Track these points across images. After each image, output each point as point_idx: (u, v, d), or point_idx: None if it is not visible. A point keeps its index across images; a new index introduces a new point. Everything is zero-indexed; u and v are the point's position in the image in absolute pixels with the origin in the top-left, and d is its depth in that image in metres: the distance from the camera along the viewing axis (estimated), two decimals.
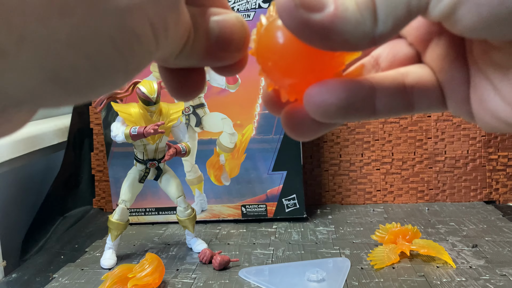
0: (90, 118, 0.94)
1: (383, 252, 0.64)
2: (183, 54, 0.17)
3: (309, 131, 0.19)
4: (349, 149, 0.91)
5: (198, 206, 0.83)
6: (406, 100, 0.18)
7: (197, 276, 0.62)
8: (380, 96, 0.18)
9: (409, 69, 0.19)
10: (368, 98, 0.17)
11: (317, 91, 0.17)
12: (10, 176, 0.84)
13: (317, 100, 0.17)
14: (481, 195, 0.89)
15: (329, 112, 0.17)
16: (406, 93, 0.18)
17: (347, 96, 0.17)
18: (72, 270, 0.66)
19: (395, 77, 0.18)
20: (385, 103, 0.18)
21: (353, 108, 0.17)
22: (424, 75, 0.19)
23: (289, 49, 0.17)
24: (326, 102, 0.17)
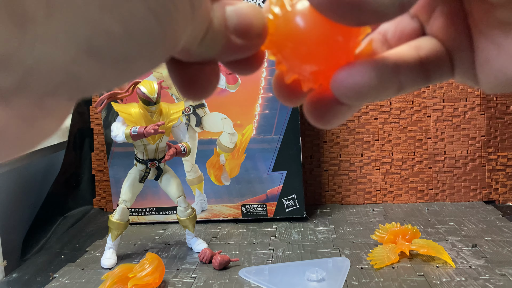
0: (91, 118, 0.94)
1: (383, 252, 0.64)
2: (205, 41, 0.16)
3: (336, 116, 0.19)
4: (349, 149, 0.91)
5: (198, 206, 0.84)
6: (424, 72, 0.19)
7: (197, 275, 0.62)
8: (404, 71, 0.18)
9: (419, 42, 0.19)
10: (395, 74, 0.18)
11: (347, 74, 0.17)
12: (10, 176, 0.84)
13: (349, 82, 0.17)
14: (480, 195, 0.89)
15: (362, 93, 0.17)
16: (423, 66, 0.19)
17: (377, 75, 0.17)
18: (73, 270, 0.66)
19: (410, 51, 0.19)
20: (409, 77, 0.18)
21: (384, 86, 0.18)
22: (434, 46, 0.19)
23: (312, 34, 0.17)
24: (358, 84, 0.17)
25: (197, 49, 0.16)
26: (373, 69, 0.18)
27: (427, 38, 0.20)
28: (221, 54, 0.17)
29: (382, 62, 0.18)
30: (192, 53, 0.17)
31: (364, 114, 0.90)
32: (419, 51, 0.19)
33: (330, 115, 0.19)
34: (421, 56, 0.19)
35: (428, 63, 0.19)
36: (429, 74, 0.19)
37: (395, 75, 0.18)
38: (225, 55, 0.17)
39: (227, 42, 0.17)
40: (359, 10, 0.16)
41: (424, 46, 0.19)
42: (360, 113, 0.90)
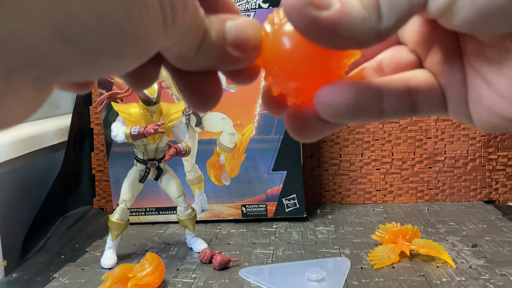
0: (91, 118, 0.94)
1: (383, 251, 0.64)
2: (201, 52, 0.17)
3: (314, 131, 0.19)
4: (349, 149, 0.91)
5: (198, 206, 0.84)
6: (411, 102, 0.19)
7: (197, 275, 0.62)
8: (388, 98, 0.18)
9: (413, 73, 0.20)
10: (377, 98, 0.18)
11: (327, 92, 0.18)
12: (10, 176, 0.84)
13: (327, 99, 0.18)
14: (480, 195, 0.89)
15: (339, 112, 0.18)
16: (411, 95, 0.19)
17: (357, 96, 0.18)
18: (73, 270, 0.66)
19: (400, 80, 0.19)
20: (392, 104, 0.18)
21: (362, 108, 0.18)
22: (426, 79, 0.19)
23: (295, 54, 0.18)
24: (336, 102, 0.18)
25: (193, 59, 0.17)
26: (353, 90, 0.18)
27: (422, 71, 0.20)
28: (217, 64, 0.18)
29: (365, 84, 0.18)
30: (189, 62, 0.17)
31: None
32: (410, 81, 0.19)
33: (308, 129, 0.19)
34: (410, 86, 0.19)
35: (417, 94, 0.19)
36: (416, 105, 0.19)
37: (377, 100, 0.18)
38: (222, 66, 0.18)
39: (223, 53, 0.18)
40: (335, 35, 0.16)
41: (416, 77, 0.19)
42: None
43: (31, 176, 0.91)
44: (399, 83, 0.19)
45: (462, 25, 0.16)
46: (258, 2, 0.79)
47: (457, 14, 0.16)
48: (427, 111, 0.19)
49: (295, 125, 0.19)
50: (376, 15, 0.16)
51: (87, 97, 0.94)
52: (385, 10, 0.16)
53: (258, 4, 0.78)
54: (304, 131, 0.19)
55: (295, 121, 0.19)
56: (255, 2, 0.78)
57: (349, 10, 0.16)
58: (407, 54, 0.21)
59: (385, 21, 0.16)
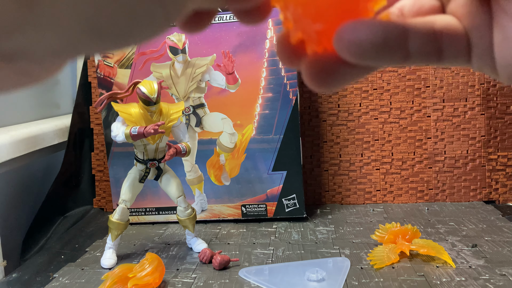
0: (91, 118, 0.94)
1: (383, 251, 0.64)
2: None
3: (335, 77, 0.18)
4: (349, 149, 0.91)
5: (198, 206, 0.84)
6: (436, 46, 0.18)
7: (197, 275, 0.62)
8: (414, 38, 0.17)
9: (436, 17, 0.19)
10: (403, 37, 0.17)
11: (351, 28, 0.17)
12: (10, 176, 0.84)
13: (351, 36, 0.17)
14: (480, 195, 0.89)
15: (363, 49, 0.17)
16: (436, 38, 0.18)
17: (383, 33, 0.17)
18: (73, 270, 0.66)
19: (426, 22, 0.18)
20: (418, 46, 0.18)
21: (388, 46, 0.17)
22: (451, 22, 0.18)
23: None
24: (361, 38, 0.17)
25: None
26: (380, 27, 0.17)
27: (446, 16, 0.19)
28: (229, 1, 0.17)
29: (391, 23, 0.17)
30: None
31: (364, 114, 0.90)
32: (435, 24, 0.18)
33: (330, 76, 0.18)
34: (435, 29, 0.18)
35: (442, 37, 0.18)
36: (441, 50, 0.18)
37: (403, 39, 0.17)
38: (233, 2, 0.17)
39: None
40: None
41: (440, 21, 0.18)
42: (360, 113, 0.90)
43: (31, 176, 0.91)
44: (424, 25, 0.18)
45: None
46: None
47: None
48: (451, 57, 0.18)
49: (316, 72, 0.18)
50: None
51: (87, 97, 0.94)
52: None
53: None
54: (325, 77, 0.18)
55: (316, 67, 0.18)
56: None
57: None
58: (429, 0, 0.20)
59: None
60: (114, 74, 0.82)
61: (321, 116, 0.91)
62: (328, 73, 0.18)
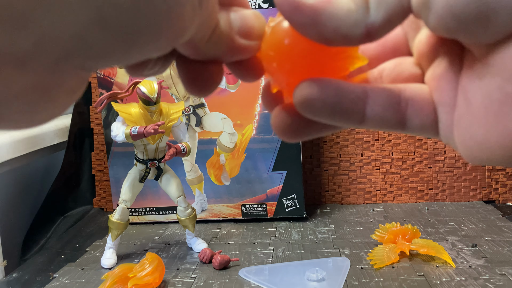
0: (91, 118, 0.94)
1: (383, 251, 0.64)
2: (212, 40, 0.17)
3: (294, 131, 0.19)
4: (349, 149, 0.91)
5: (198, 206, 0.84)
6: (398, 114, 0.18)
7: (197, 275, 0.62)
8: (372, 104, 0.17)
9: (408, 85, 0.18)
10: (359, 101, 0.17)
11: (306, 84, 0.17)
12: (10, 176, 0.84)
13: (304, 92, 0.17)
14: (480, 194, 0.89)
15: (315, 108, 0.17)
16: (399, 107, 0.17)
17: (336, 94, 0.17)
18: (73, 270, 0.66)
19: (392, 89, 0.18)
20: (377, 112, 0.17)
21: (340, 108, 0.17)
22: (421, 93, 0.18)
23: (293, 50, 0.18)
24: (313, 96, 0.17)
25: (205, 47, 0.17)
26: (334, 87, 0.17)
27: (420, 86, 0.18)
28: (226, 54, 0.18)
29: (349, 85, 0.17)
30: (200, 51, 0.17)
31: None
32: (403, 92, 0.18)
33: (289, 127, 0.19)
34: (401, 97, 0.17)
35: (407, 107, 0.17)
36: (404, 119, 0.18)
37: (359, 103, 0.17)
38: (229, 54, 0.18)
39: (231, 42, 0.18)
40: (319, 24, 0.16)
41: (411, 90, 0.18)
42: None
43: (32, 176, 0.92)
44: (389, 91, 0.17)
45: (439, 25, 0.15)
46: (258, 2, 0.79)
47: (432, 9, 0.15)
48: (416, 129, 0.18)
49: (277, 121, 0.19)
50: (363, 7, 0.15)
51: (87, 97, 0.94)
52: (373, 3, 0.15)
53: (258, 4, 0.79)
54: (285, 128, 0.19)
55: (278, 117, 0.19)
56: (255, 2, 0.79)
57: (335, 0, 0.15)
58: (410, 67, 0.19)
59: (373, 15, 0.15)
60: (114, 74, 0.82)
61: None
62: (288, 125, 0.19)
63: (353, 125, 0.17)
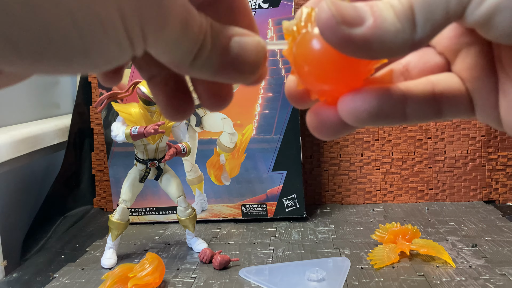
0: (91, 118, 0.94)
1: (383, 251, 0.64)
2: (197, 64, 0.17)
3: (333, 131, 0.20)
4: (349, 149, 0.91)
5: (199, 206, 0.84)
6: (435, 108, 0.19)
7: (198, 275, 0.62)
8: (411, 103, 0.18)
9: (439, 77, 0.19)
10: (399, 105, 0.18)
11: (350, 99, 0.18)
12: (10, 176, 0.84)
13: (350, 107, 0.18)
14: (480, 195, 0.89)
15: (361, 118, 0.18)
16: (435, 101, 0.19)
17: (378, 104, 0.18)
18: (73, 270, 0.66)
19: (425, 85, 0.19)
20: (415, 110, 0.18)
21: (384, 114, 0.18)
22: (453, 84, 0.19)
23: (325, 58, 0.18)
24: (358, 109, 0.18)
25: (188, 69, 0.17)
26: (375, 97, 0.18)
27: (449, 75, 0.19)
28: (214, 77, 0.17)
29: (388, 92, 0.18)
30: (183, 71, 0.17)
31: None
32: (435, 86, 0.19)
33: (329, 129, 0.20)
34: (435, 91, 0.19)
35: (442, 99, 0.19)
36: (441, 110, 0.19)
37: (400, 106, 0.18)
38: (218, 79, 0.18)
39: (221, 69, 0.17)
40: (369, 49, 0.16)
41: (442, 82, 0.19)
42: None
43: (32, 176, 0.91)
44: (424, 88, 0.19)
45: (501, 38, 0.16)
46: (258, 2, 0.79)
47: (496, 26, 0.16)
48: (453, 115, 0.19)
49: (316, 123, 0.20)
50: (410, 26, 0.16)
51: (87, 97, 0.94)
52: (420, 21, 0.16)
53: (258, 4, 0.79)
54: (324, 130, 0.20)
55: (317, 119, 0.20)
56: (255, 2, 0.78)
57: (382, 24, 0.16)
58: (434, 57, 0.20)
59: (420, 32, 0.16)
60: None
61: None
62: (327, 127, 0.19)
63: (395, 124, 0.19)
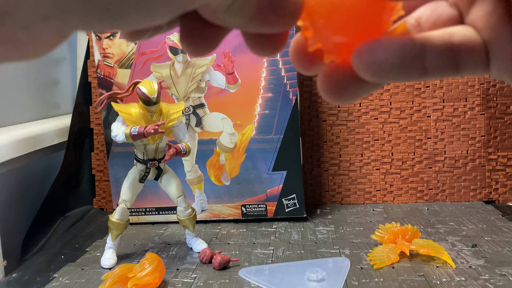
0: (91, 118, 0.94)
1: (383, 251, 0.64)
2: (234, 8, 0.16)
3: (350, 92, 0.18)
4: (349, 149, 0.91)
5: (198, 206, 0.84)
6: (454, 60, 0.18)
7: (197, 275, 0.62)
8: (431, 55, 0.17)
9: (454, 29, 0.18)
10: (420, 56, 0.17)
11: (369, 49, 0.17)
12: (10, 176, 0.84)
13: (370, 57, 0.17)
14: (480, 195, 0.89)
15: (382, 70, 0.17)
16: (453, 52, 0.18)
17: (401, 54, 0.17)
18: (73, 270, 0.66)
19: (443, 35, 0.18)
20: (436, 62, 0.18)
21: (406, 65, 0.17)
22: (469, 34, 0.18)
23: (343, 6, 0.17)
24: (379, 60, 0.17)
25: (223, 15, 0.16)
26: (397, 48, 0.17)
27: (464, 27, 0.19)
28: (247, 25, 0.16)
29: (408, 41, 0.17)
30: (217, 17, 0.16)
31: (364, 114, 0.90)
32: (452, 37, 0.18)
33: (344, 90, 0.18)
34: (453, 42, 0.18)
35: (459, 50, 0.18)
36: (459, 63, 0.18)
37: (420, 58, 0.17)
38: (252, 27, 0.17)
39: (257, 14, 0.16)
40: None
41: (458, 33, 0.18)
42: (360, 113, 0.90)
43: (32, 176, 0.92)
44: (441, 40, 0.18)
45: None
46: None
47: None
48: (469, 69, 0.18)
49: (330, 85, 0.18)
50: None
51: (87, 97, 0.94)
52: None
53: None
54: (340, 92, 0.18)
55: (331, 81, 0.18)
56: None
57: None
58: (447, 9, 0.19)
59: None
60: (114, 74, 0.82)
61: (321, 116, 0.91)
62: (343, 88, 0.18)
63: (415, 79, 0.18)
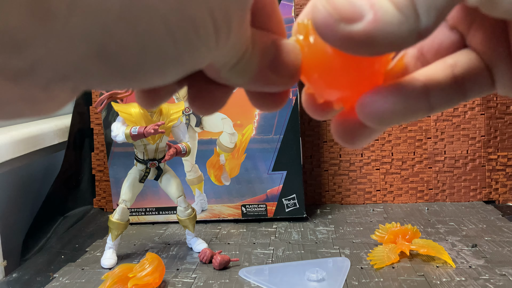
0: (91, 118, 0.94)
1: (383, 251, 0.64)
2: (237, 68, 0.16)
3: (361, 137, 0.19)
4: (349, 149, 0.91)
5: (198, 206, 0.84)
6: (459, 91, 0.18)
7: (197, 275, 0.62)
8: (434, 93, 0.17)
9: (456, 59, 0.18)
10: (423, 97, 0.17)
11: (370, 100, 0.17)
12: (10, 176, 0.84)
13: (372, 109, 0.17)
14: (480, 195, 0.89)
15: (386, 118, 0.17)
16: (458, 84, 0.18)
17: (402, 100, 0.17)
18: (73, 270, 0.66)
19: (445, 70, 0.18)
20: (440, 98, 0.18)
21: (409, 110, 0.17)
22: (471, 62, 0.18)
23: (333, 64, 0.17)
24: (380, 109, 0.17)
25: (227, 74, 0.16)
26: (397, 95, 0.17)
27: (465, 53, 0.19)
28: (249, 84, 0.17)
29: (408, 86, 0.17)
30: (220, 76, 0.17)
31: None
32: (454, 69, 0.18)
33: (356, 136, 0.19)
34: (456, 75, 0.18)
35: (464, 80, 0.18)
36: (465, 92, 0.18)
37: (423, 98, 0.17)
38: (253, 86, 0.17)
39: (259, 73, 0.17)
40: (373, 45, 0.15)
41: (460, 63, 0.18)
42: None
43: (32, 176, 0.92)
44: (443, 75, 0.18)
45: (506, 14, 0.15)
46: None
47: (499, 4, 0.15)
48: (476, 94, 0.18)
49: (343, 133, 0.19)
50: (413, 15, 0.15)
51: (87, 97, 0.94)
52: (422, 8, 0.15)
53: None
54: (352, 138, 0.19)
55: (342, 128, 0.19)
56: None
57: (383, 17, 0.15)
58: (448, 35, 0.19)
59: (424, 20, 0.15)
60: None
61: None
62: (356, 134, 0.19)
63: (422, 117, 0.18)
